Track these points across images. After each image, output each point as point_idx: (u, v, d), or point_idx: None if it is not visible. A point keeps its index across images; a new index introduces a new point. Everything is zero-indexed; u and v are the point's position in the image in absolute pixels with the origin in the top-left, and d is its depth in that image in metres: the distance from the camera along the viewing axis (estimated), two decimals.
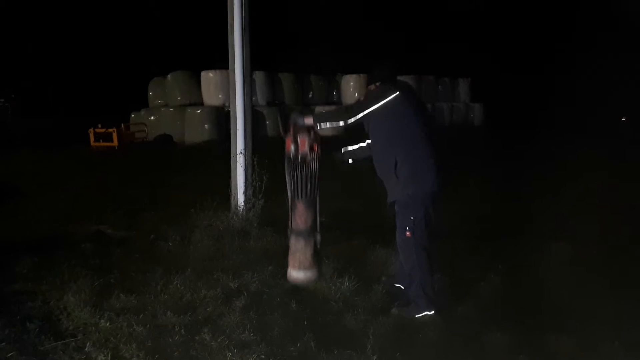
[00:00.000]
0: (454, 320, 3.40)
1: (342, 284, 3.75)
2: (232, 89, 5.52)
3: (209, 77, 13.51)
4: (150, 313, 3.35)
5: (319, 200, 3.53)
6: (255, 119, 6.51)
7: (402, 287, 3.68)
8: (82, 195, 7.04)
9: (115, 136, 12.38)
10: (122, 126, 12.93)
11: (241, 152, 5.45)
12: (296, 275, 3.50)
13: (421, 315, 3.39)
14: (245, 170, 5.44)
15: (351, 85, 15.01)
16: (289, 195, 3.53)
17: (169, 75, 14.36)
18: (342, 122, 3.41)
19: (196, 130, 12.81)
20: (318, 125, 3.42)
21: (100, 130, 12.58)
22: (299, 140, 3.41)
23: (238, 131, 5.48)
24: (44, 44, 20.09)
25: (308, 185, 3.44)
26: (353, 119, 3.38)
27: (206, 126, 12.78)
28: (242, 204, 5.39)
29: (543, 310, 3.50)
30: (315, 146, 3.44)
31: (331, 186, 3.92)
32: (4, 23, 19.45)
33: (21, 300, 3.58)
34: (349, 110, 3.43)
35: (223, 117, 12.29)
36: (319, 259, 3.58)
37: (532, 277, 4.08)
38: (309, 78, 15.06)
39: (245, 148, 5.47)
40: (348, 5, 19.04)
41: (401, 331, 3.22)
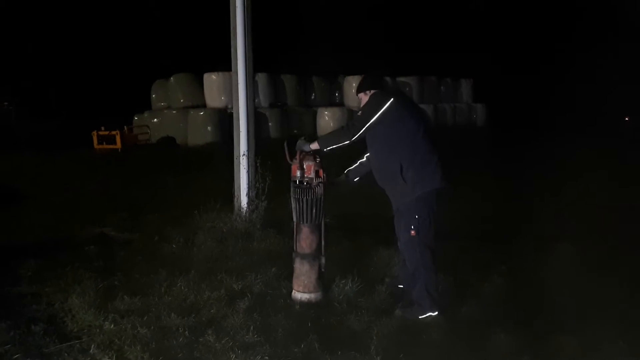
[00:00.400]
0: (458, 321, 3.40)
1: (345, 285, 3.75)
2: (235, 91, 5.53)
3: (211, 79, 13.55)
4: (155, 315, 3.36)
5: (324, 225, 3.63)
6: (257, 121, 6.52)
7: (406, 288, 3.69)
8: (86, 198, 7.06)
9: (118, 139, 12.42)
10: (126, 129, 12.97)
11: (244, 154, 5.46)
12: (300, 297, 3.62)
13: (425, 316, 3.40)
14: (249, 172, 5.45)
15: (353, 86, 14.95)
16: (294, 219, 3.64)
17: (172, 78, 14.41)
18: (347, 141, 3.50)
19: (199, 133, 12.84)
20: (325, 149, 3.54)
21: (103, 132, 12.62)
22: (305, 166, 3.54)
23: (241, 133, 5.49)
24: (47, 47, 20.18)
25: (313, 210, 3.56)
26: (357, 135, 3.47)
27: (209, 128, 12.82)
28: (246, 205, 5.40)
29: (546, 310, 3.50)
30: (321, 172, 3.57)
31: (334, 189, 3.94)
32: (9, 27, 19.55)
33: (26, 302, 3.60)
34: (351, 128, 3.51)
35: (226, 119, 12.32)
36: (324, 282, 3.68)
37: (535, 277, 4.07)
38: (311, 79, 15.08)
39: (249, 150, 5.48)
40: (350, 6, 19.06)
41: (405, 332, 3.22)
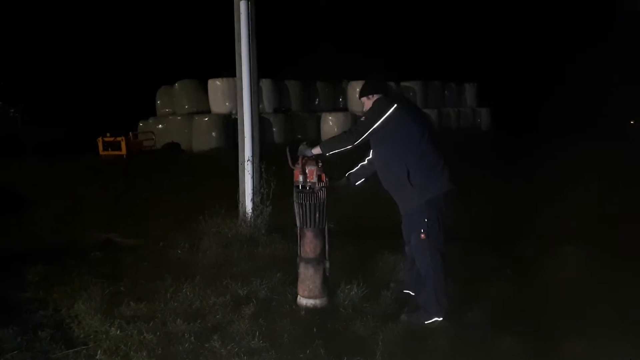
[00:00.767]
0: (464, 326, 3.39)
1: (350, 290, 3.74)
2: (240, 97, 5.56)
3: (216, 85, 13.60)
4: (160, 320, 3.37)
5: (327, 229, 3.62)
6: (262, 127, 6.54)
7: (411, 293, 3.68)
8: (92, 204, 7.09)
9: (123, 145, 12.48)
10: (131, 135, 13.03)
11: (249, 160, 5.47)
12: (305, 302, 3.61)
13: (430, 321, 3.39)
14: (253, 177, 5.47)
15: (357, 91, 14.99)
16: (298, 224, 3.64)
17: (177, 84, 14.48)
18: (350, 145, 3.51)
19: (204, 138, 12.88)
20: (327, 153, 3.54)
21: (108, 139, 12.69)
22: (307, 170, 3.54)
23: (246, 138, 5.51)
24: (53, 54, 20.33)
25: (317, 214, 3.55)
26: (360, 139, 3.47)
27: (213, 134, 12.86)
28: (250, 211, 5.41)
29: (553, 314, 3.48)
30: (323, 176, 3.56)
31: (336, 193, 3.94)
32: (14, 34, 19.72)
33: (33, 308, 3.62)
34: (354, 133, 3.51)
35: (230, 124, 12.37)
36: (329, 286, 3.67)
37: (541, 281, 4.06)
38: (315, 85, 15.11)
39: (253, 155, 5.50)
40: (354, 12, 19.12)
41: (411, 337, 3.21)
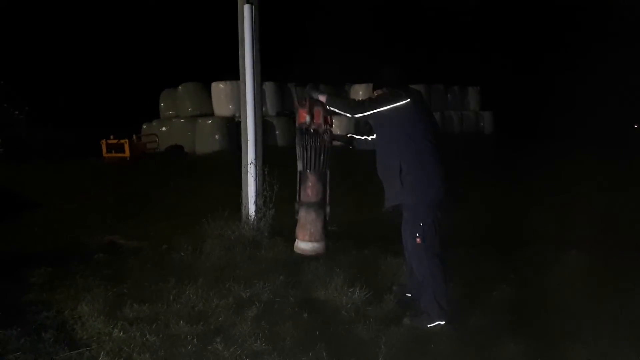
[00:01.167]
0: (467, 330, 3.38)
1: (353, 294, 3.75)
2: (243, 100, 5.58)
3: (219, 88, 13.66)
4: (163, 323, 3.37)
5: (329, 174, 3.53)
6: (265, 130, 6.56)
7: (414, 296, 3.68)
8: (95, 206, 7.13)
9: (127, 147, 12.52)
10: (134, 137, 13.08)
11: (252, 162, 5.49)
12: (304, 246, 3.53)
13: (433, 325, 3.38)
14: (256, 180, 5.48)
15: (360, 94, 15.06)
16: (300, 167, 3.54)
17: (180, 87, 14.54)
18: (349, 114, 3.47)
19: (207, 141, 12.93)
20: (328, 105, 3.48)
21: (112, 141, 12.74)
22: (314, 111, 3.44)
23: (249, 141, 5.53)
24: (56, 56, 20.43)
25: (321, 157, 3.47)
26: (361, 114, 3.43)
27: (217, 137, 12.90)
28: (253, 213, 5.42)
29: (556, 319, 3.47)
30: (329, 118, 3.47)
31: (341, 197, 3.95)
32: (18, 36, 19.83)
33: (36, 310, 3.63)
34: (360, 105, 3.46)
35: (233, 127, 12.40)
36: (327, 233, 3.59)
37: (545, 286, 4.05)
38: (318, 88, 15.13)
39: (256, 158, 5.51)
40: (357, 15, 19.16)
41: (413, 341, 3.20)
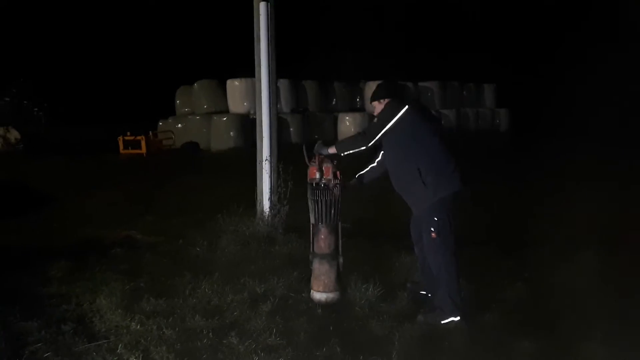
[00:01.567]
0: (481, 328, 3.38)
1: (367, 290, 3.76)
2: (258, 97, 5.61)
3: (234, 85, 13.70)
4: (179, 316, 3.43)
5: (340, 226, 3.71)
6: (279, 127, 6.59)
7: (427, 294, 3.69)
8: (113, 202, 7.22)
9: (143, 144, 12.63)
10: (150, 134, 13.19)
11: (267, 159, 5.52)
12: (319, 297, 3.68)
13: (447, 321, 3.39)
14: (271, 176, 5.51)
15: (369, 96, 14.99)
16: (312, 220, 3.72)
17: (196, 84, 14.62)
18: (364, 147, 3.62)
19: (222, 138, 12.98)
20: (342, 153, 3.66)
21: (129, 138, 12.86)
22: (323, 168, 3.64)
23: (264, 138, 5.56)
24: (75, 54, 20.71)
25: (332, 211, 3.65)
26: (373, 140, 3.57)
27: (232, 133, 12.95)
28: (268, 210, 5.45)
29: (571, 318, 3.44)
30: (338, 173, 3.67)
31: (354, 195, 3.98)
32: (37, 35, 20.14)
33: (56, 302, 3.71)
34: (367, 135, 3.61)
35: (248, 124, 12.44)
36: (342, 282, 3.74)
37: (559, 284, 4.02)
38: (332, 85, 15.12)
39: (271, 155, 5.54)
40: (372, 12, 19.08)
41: (427, 338, 3.21)
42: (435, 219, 3.42)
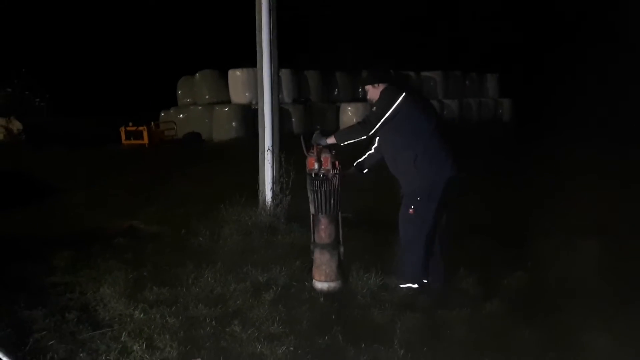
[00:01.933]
0: (482, 316, 3.39)
1: (368, 279, 3.78)
2: (260, 87, 5.59)
3: (236, 76, 13.66)
4: (182, 305, 3.45)
5: (340, 215, 3.75)
6: (281, 117, 6.58)
7: (429, 282, 3.74)
8: (115, 192, 7.24)
9: (145, 134, 12.63)
10: (152, 124, 13.19)
11: (269, 149, 5.52)
12: (321, 286, 3.71)
13: (405, 286, 3.62)
14: (273, 166, 5.51)
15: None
16: (312, 211, 3.76)
17: (197, 74, 14.57)
18: (364, 135, 3.69)
19: (224, 128, 12.97)
20: (341, 143, 3.71)
21: (131, 128, 12.86)
22: (322, 158, 3.67)
23: (266, 128, 5.55)
24: (76, 45, 20.65)
25: (331, 201, 3.68)
26: (373, 129, 3.65)
27: (234, 124, 12.93)
28: (270, 200, 5.46)
29: (572, 307, 3.46)
30: (337, 163, 3.69)
31: (355, 185, 4.00)
32: (39, 26, 20.08)
33: (60, 291, 3.74)
34: (367, 124, 3.67)
35: (250, 115, 12.42)
36: (343, 271, 3.79)
37: (562, 274, 4.03)
38: (334, 75, 15.06)
39: (273, 145, 5.54)
40: (374, 1, 18.94)
41: (428, 326, 3.23)
42: (419, 199, 3.57)
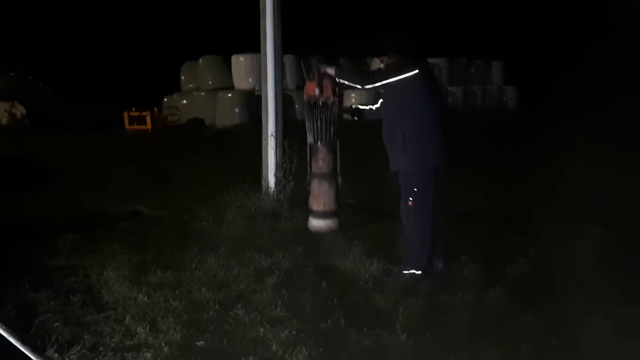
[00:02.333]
0: (485, 302, 3.40)
1: (371, 265, 3.79)
2: (264, 73, 5.57)
3: (239, 61, 13.60)
4: (186, 289, 3.47)
5: (339, 145, 3.70)
6: (284, 103, 6.55)
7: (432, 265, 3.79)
8: (119, 177, 7.25)
9: (149, 119, 12.64)
10: (156, 110, 13.18)
11: (272, 135, 5.51)
12: (318, 224, 3.74)
13: (409, 272, 3.64)
14: (276, 152, 5.51)
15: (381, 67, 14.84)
16: (309, 140, 3.71)
17: (200, 60, 14.51)
18: (359, 85, 3.66)
19: (227, 114, 12.95)
20: (338, 78, 3.67)
21: (134, 113, 12.86)
22: (323, 84, 3.60)
23: (269, 114, 5.54)
24: (79, 30, 20.54)
25: (331, 129, 3.63)
26: (370, 85, 3.59)
27: (237, 110, 12.91)
28: (273, 185, 5.47)
29: (575, 293, 3.45)
30: (337, 90, 3.63)
31: (358, 170, 3.99)
32: (41, 9, 19.95)
33: (64, 274, 3.76)
34: (369, 77, 3.63)
35: (253, 100, 12.39)
36: (340, 202, 3.77)
37: (564, 260, 4.02)
38: (339, 61, 14.96)
39: (276, 131, 5.53)
40: None
41: (431, 312, 3.24)
42: (415, 190, 3.57)
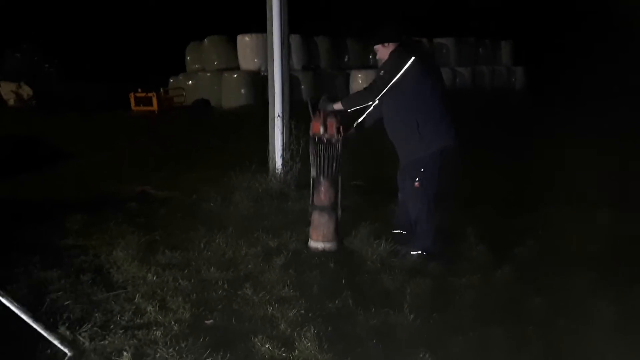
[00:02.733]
0: (492, 283, 3.40)
1: (379, 246, 3.80)
2: (270, 53, 5.51)
3: (245, 41, 13.49)
4: (195, 268, 3.50)
5: (340, 179, 3.82)
6: (290, 84, 6.51)
7: (404, 232, 3.94)
8: (126, 157, 7.27)
9: (154, 100, 12.61)
10: (162, 91, 13.14)
11: (279, 116, 5.48)
12: (316, 245, 3.83)
13: (416, 252, 3.73)
14: (283, 133, 5.49)
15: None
16: (313, 174, 3.83)
17: (206, 40, 14.40)
18: (371, 101, 3.74)
19: (233, 95, 12.90)
20: (349, 109, 3.77)
21: (140, 94, 12.84)
22: (327, 123, 3.72)
23: (276, 95, 5.50)
24: (85, 10, 20.41)
25: (333, 165, 3.77)
26: (380, 95, 3.65)
27: (242, 91, 12.85)
28: (280, 167, 5.46)
29: (584, 276, 3.45)
30: (341, 128, 3.76)
31: (366, 152, 4.00)
32: None
33: (74, 254, 3.79)
34: (374, 89, 3.67)
35: (259, 81, 12.31)
36: (340, 233, 3.88)
37: (573, 243, 4.01)
38: (345, 42, 14.81)
39: (283, 112, 5.50)
40: None
41: (438, 292, 3.25)
42: (422, 170, 3.63)
